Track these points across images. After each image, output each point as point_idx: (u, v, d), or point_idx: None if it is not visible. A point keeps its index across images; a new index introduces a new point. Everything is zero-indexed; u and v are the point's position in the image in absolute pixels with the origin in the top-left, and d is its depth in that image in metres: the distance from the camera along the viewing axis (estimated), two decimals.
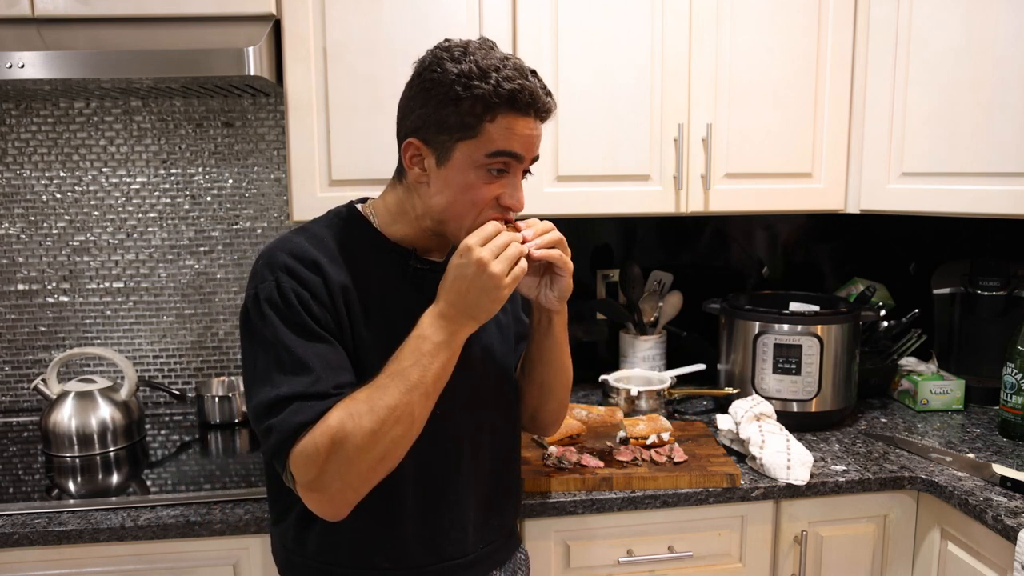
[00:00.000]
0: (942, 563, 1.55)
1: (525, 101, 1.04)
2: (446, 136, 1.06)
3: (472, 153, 1.06)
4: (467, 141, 1.06)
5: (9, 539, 1.36)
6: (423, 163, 1.10)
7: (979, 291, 2.01)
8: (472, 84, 1.03)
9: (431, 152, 1.09)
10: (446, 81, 1.05)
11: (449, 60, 1.05)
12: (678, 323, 2.12)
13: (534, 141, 1.09)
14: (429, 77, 1.07)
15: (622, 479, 1.51)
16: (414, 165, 1.11)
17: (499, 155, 1.06)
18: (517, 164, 1.09)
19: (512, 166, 1.09)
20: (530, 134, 1.08)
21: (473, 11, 1.67)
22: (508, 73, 1.04)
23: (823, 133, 1.81)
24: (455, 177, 1.08)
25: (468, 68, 1.04)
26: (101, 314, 2.01)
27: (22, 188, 1.95)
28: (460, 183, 1.08)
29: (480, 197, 1.08)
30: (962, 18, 1.68)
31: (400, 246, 1.17)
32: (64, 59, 1.48)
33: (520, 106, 1.05)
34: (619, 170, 1.76)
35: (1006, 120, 1.65)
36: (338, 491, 1.02)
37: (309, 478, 1.01)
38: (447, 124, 1.06)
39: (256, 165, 2.01)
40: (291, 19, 1.62)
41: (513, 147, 1.06)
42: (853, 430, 1.82)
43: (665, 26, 1.72)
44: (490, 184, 1.08)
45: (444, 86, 1.05)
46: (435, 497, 1.16)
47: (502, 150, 1.06)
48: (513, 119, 1.05)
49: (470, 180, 1.07)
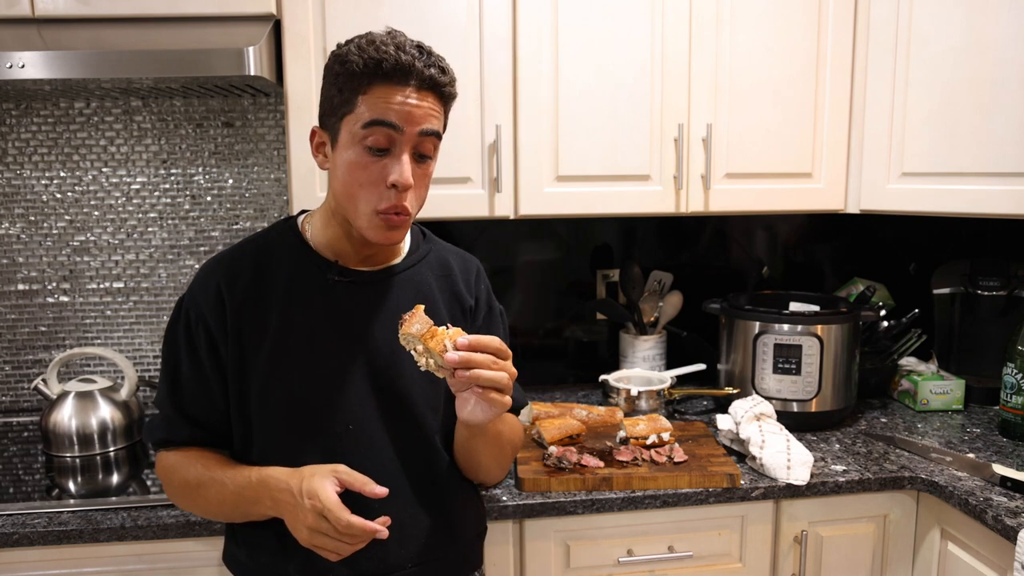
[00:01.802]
0: (942, 563, 1.55)
1: (390, 68, 1.03)
2: (334, 117, 1.09)
3: (351, 127, 1.06)
4: (347, 117, 1.07)
5: (9, 539, 1.36)
6: (325, 149, 1.13)
7: (979, 291, 2.01)
8: (347, 60, 1.05)
9: (328, 136, 1.11)
10: (332, 63, 1.09)
11: (344, 45, 1.09)
12: (678, 323, 2.13)
13: (414, 112, 1.05)
14: (327, 65, 1.10)
15: (622, 479, 1.51)
16: (319, 152, 1.14)
17: (372, 124, 1.05)
18: (397, 135, 1.06)
19: (393, 140, 1.06)
20: (407, 104, 1.05)
21: (473, 11, 1.67)
22: (380, 47, 1.04)
23: (823, 133, 1.81)
24: (343, 156, 1.09)
25: (347, 48, 1.07)
26: (101, 314, 2.01)
27: (22, 188, 1.95)
28: (346, 162, 1.08)
29: (367, 177, 1.07)
30: (962, 18, 1.68)
31: (323, 258, 1.17)
32: (64, 59, 1.48)
33: (387, 74, 1.04)
34: (619, 170, 1.76)
35: (1006, 120, 1.65)
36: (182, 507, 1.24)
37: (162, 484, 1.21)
38: (333, 104, 1.09)
39: (256, 165, 2.01)
40: (291, 19, 1.62)
41: (387, 116, 1.04)
42: (853, 430, 1.82)
43: (665, 26, 1.72)
44: (375, 163, 1.07)
45: (330, 68, 1.09)
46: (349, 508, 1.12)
47: (374, 119, 1.04)
48: (386, 89, 1.04)
49: (354, 158, 1.07)
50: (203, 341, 1.14)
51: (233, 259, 1.18)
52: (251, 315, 1.13)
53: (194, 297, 1.16)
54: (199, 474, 1.14)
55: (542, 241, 2.14)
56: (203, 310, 1.14)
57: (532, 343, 2.18)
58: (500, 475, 1.31)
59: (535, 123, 1.71)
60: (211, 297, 1.14)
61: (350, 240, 1.16)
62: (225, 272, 1.16)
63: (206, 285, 1.15)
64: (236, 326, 1.13)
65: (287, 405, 1.13)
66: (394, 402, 1.16)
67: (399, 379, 1.17)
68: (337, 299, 1.15)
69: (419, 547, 1.18)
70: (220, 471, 1.13)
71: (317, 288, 1.15)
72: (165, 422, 1.18)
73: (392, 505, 1.15)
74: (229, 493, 1.11)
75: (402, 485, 1.16)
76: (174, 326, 1.17)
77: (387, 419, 1.16)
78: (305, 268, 1.16)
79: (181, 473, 1.16)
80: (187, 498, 1.18)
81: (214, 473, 1.13)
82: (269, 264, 1.16)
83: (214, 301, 1.14)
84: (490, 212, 1.73)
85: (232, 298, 1.14)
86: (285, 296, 1.14)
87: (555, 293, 2.18)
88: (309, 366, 1.13)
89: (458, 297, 1.25)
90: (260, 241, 1.20)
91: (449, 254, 1.29)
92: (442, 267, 1.26)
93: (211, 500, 1.14)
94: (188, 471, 1.15)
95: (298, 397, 1.13)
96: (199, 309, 1.14)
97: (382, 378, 1.16)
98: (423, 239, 1.28)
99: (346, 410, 1.14)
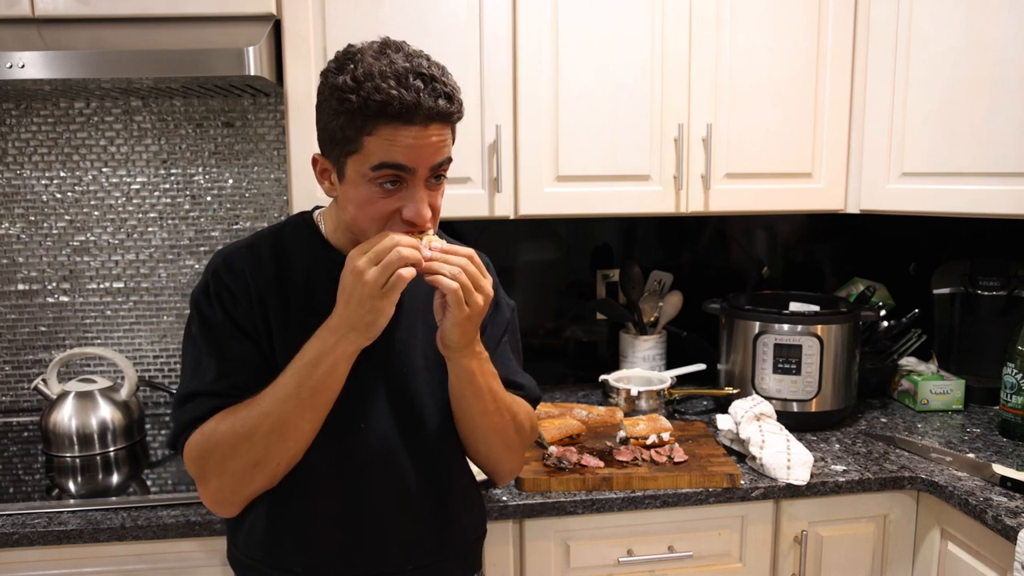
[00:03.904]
0: (942, 563, 1.55)
1: (396, 111, 0.97)
2: (337, 151, 1.04)
3: (359, 168, 1.02)
4: (353, 156, 1.02)
5: (9, 539, 1.36)
6: (331, 177, 1.09)
7: (979, 291, 2.01)
8: (345, 98, 0.98)
9: (332, 168, 1.07)
10: (327, 95, 1.02)
11: (334, 71, 1.02)
12: (678, 323, 2.13)
13: (423, 150, 1.01)
14: (320, 90, 1.05)
15: (622, 479, 1.51)
16: (324, 179, 1.10)
17: (382, 168, 1.00)
18: (409, 175, 1.02)
19: (405, 178, 1.02)
20: (415, 143, 1.00)
21: (473, 11, 1.67)
22: (378, 83, 0.97)
23: (823, 133, 1.81)
24: (352, 192, 1.05)
25: (343, 80, 0.99)
26: (101, 314, 2.01)
27: (22, 188, 1.95)
28: (357, 198, 1.04)
29: (378, 212, 1.04)
30: (962, 18, 1.68)
31: (340, 253, 1.14)
32: (64, 59, 1.48)
33: (394, 116, 0.98)
34: (619, 170, 1.76)
35: (1006, 120, 1.65)
36: (216, 489, 1.09)
37: (193, 473, 1.09)
38: (336, 139, 1.03)
39: (256, 165, 2.01)
40: (291, 19, 1.62)
41: (395, 158, 1.00)
42: (853, 430, 1.82)
43: (665, 26, 1.72)
44: (387, 198, 1.03)
45: (326, 101, 1.03)
46: (350, 506, 1.13)
47: (383, 162, 1.00)
48: (393, 130, 0.99)
49: (364, 195, 1.03)
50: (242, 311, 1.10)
51: (253, 250, 1.15)
52: (274, 305, 1.12)
53: (222, 278, 1.11)
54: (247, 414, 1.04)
55: (542, 241, 2.14)
56: (234, 289, 1.10)
57: (532, 343, 2.18)
58: (509, 457, 1.24)
59: (535, 123, 1.71)
60: (239, 281, 1.10)
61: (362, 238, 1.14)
62: (248, 260, 1.13)
63: (232, 269, 1.11)
64: (262, 312, 1.11)
65: None
66: (404, 401, 1.16)
67: (411, 377, 1.17)
68: None
69: (421, 549, 1.17)
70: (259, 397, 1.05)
71: (333, 285, 1.12)
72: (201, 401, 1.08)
73: (397, 507, 1.15)
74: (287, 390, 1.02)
75: (407, 486, 1.16)
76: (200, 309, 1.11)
77: (397, 418, 1.16)
78: (322, 264, 1.15)
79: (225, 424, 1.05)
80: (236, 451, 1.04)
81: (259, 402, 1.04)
82: (286, 258, 1.14)
83: (243, 284, 1.10)
84: (490, 212, 1.73)
85: (257, 286, 1.11)
86: (302, 291, 1.13)
87: (555, 293, 2.18)
88: None
89: None
90: (275, 235, 1.18)
91: None
92: None
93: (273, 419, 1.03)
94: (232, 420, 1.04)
95: None
96: (230, 288, 1.10)
97: (394, 377, 1.15)
98: None
99: (359, 409, 1.13)
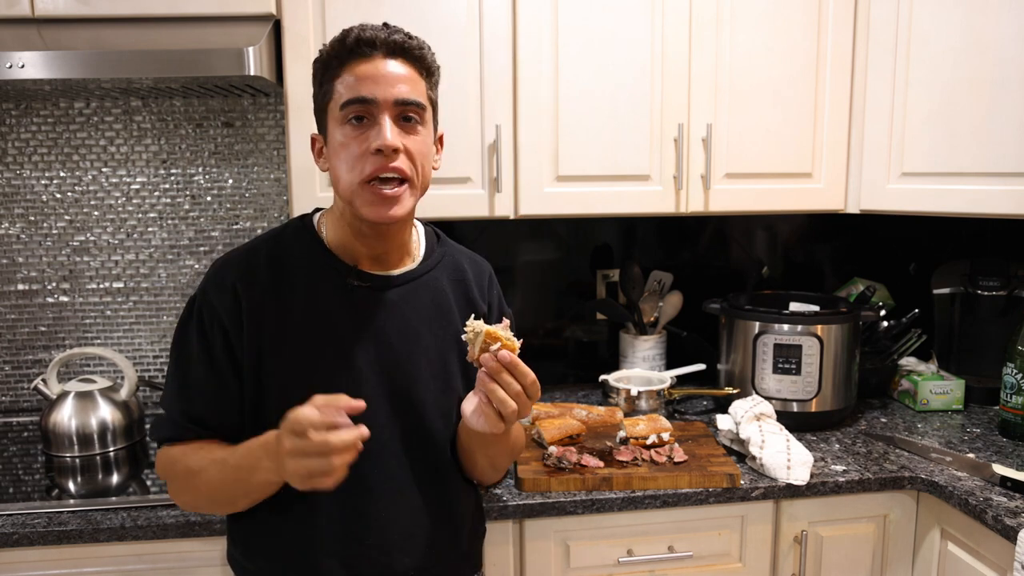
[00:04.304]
0: (942, 563, 1.55)
1: (353, 42, 1.06)
2: (321, 114, 1.12)
3: (333, 113, 1.09)
4: (328, 105, 1.10)
5: (9, 539, 1.36)
6: (322, 151, 1.14)
7: (979, 291, 2.01)
8: (320, 57, 1.10)
9: (321, 136, 1.14)
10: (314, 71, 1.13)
11: None
12: (678, 323, 2.13)
13: (382, 80, 1.06)
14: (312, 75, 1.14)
15: (622, 479, 1.51)
16: (318, 156, 1.16)
17: (348, 104, 1.06)
18: (375, 107, 1.06)
19: (371, 111, 1.06)
20: (376, 73, 1.06)
21: (473, 11, 1.67)
22: (346, 31, 1.07)
23: (823, 133, 1.81)
24: (331, 144, 1.10)
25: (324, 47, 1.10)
26: (101, 314, 2.01)
27: (22, 188, 1.95)
28: (334, 146, 1.10)
29: (350, 154, 1.07)
30: (962, 18, 1.68)
31: (341, 261, 1.15)
32: (64, 59, 1.48)
33: (351, 48, 1.06)
34: (619, 170, 1.76)
35: (1006, 120, 1.65)
36: (184, 503, 1.17)
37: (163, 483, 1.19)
38: (319, 102, 1.12)
39: (256, 165, 2.01)
40: (291, 19, 1.62)
41: (360, 92, 1.05)
42: (853, 430, 1.82)
43: (665, 26, 1.72)
44: (357, 138, 1.07)
45: (314, 76, 1.13)
46: (353, 513, 1.13)
47: (349, 98, 1.06)
48: (355, 65, 1.06)
49: (339, 141, 1.08)
50: (219, 341, 1.10)
51: (248, 259, 1.14)
52: (269, 316, 1.10)
53: (208, 297, 1.12)
54: (200, 459, 1.10)
55: (542, 241, 2.14)
56: (218, 310, 1.10)
57: (532, 343, 2.18)
58: (494, 477, 1.31)
59: (535, 123, 1.71)
60: (227, 297, 1.10)
61: (360, 239, 1.14)
62: (241, 272, 1.12)
63: (221, 285, 1.11)
64: (254, 326, 1.10)
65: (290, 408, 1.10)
66: (407, 408, 1.16)
67: (414, 385, 1.16)
68: (355, 303, 1.13)
69: (423, 552, 1.17)
70: (221, 452, 1.10)
71: (335, 291, 1.13)
72: (171, 423, 1.14)
73: (399, 514, 1.15)
74: (230, 469, 1.07)
75: (409, 490, 1.16)
76: (185, 326, 1.14)
77: (399, 425, 1.15)
78: (323, 270, 1.14)
79: (184, 462, 1.12)
80: (189, 488, 1.12)
81: (215, 455, 1.09)
82: (286, 265, 1.13)
83: (231, 302, 1.10)
84: (490, 212, 1.73)
85: (249, 298, 1.10)
86: (303, 298, 1.12)
87: (555, 293, 2.18)
88: (328, 370, 1.12)
89: (472, 304, 1.24)
90: (275, 241, 1.17)
91: (463, 258, 1.28)
92: (456, 272, 1.25)
93: (213, 482, 1.09)
94: (190, 459, 1.11)
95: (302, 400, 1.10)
96: (214, 309, 1.10)
97: (397, 383, 1.15)
98: (438, 242, 1.27)
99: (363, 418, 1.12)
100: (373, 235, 1.14)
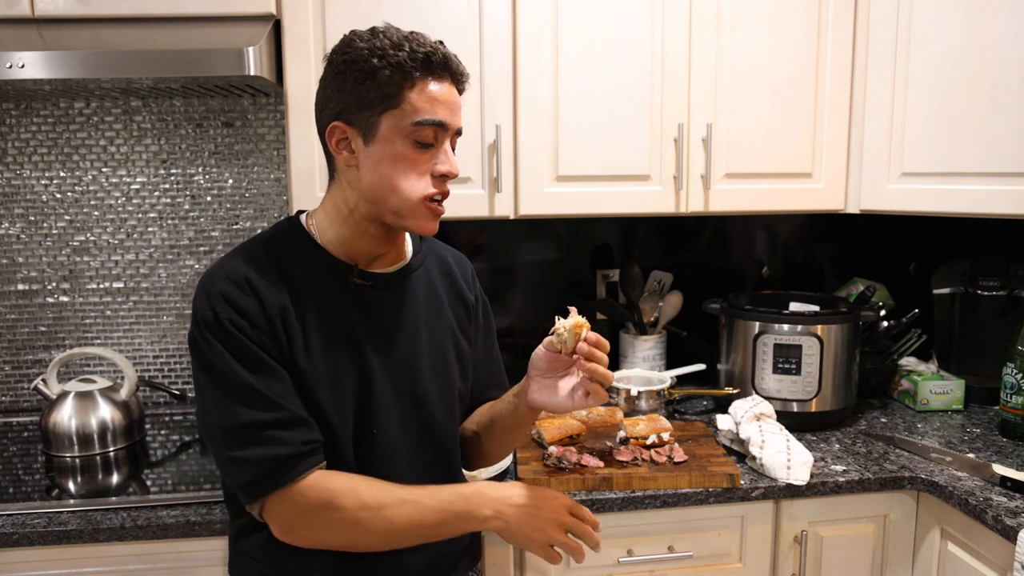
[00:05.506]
0: (942, 563, 1.55)
1: (439, 62, 1.06)
2: (369, 112, 1.06)
3: (398, 123, 1.06)
4: (390, 112, 1.05)
5: (9, 539, 1.36)
6: (350, 145, 1.09)
7: (979, 291, 2.01)
8: (387, 54, 1.04)
9: (357, 132, 1.08)
10: (361, 57, 1.05)
11: (359, 40, 1.07)
12: (678, 323, 2.13)
13: (456, 109, 1.09)
14: (342, 59, 1.07)
15: (622, 479, 1.51)
16: (342, 149, 1.10)
17: (424, 124, 1.06)
18: (444, 133, 1.09)
19: (440, 136, 1.08)
20: (450, 100, 1.08)
21: (473, 11, 1.67)
22: (420, 40, 1.06)
23: (823, 133, 1.82)
24: (385, 150, 1.07)
25: (380, 43, 1.05)
26: (101, 314, 2.01)
27: (22, 188, 1.95)
28: (391, 155, 1.07)
29: (413, 169, 1.07)
30: (962, 18, 1.68)
31: (340, 260, 1.13)
32: (64, 59, 1.48)
33: (436, 69, 1.06)
34: (619, 170, 1.76)
35: (1006, 120, 1.65)
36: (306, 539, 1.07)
37: (286, 522, 1.06)
38: (368, 99, 1.06)
39: (256, 165, 2.01)
40: (291, 19, 1.62)
41: (438, 115, 1.06)
42: (853, 430, 1.82)
43: (665, 26, 1.72)
44: (422, 155, 1.08)
45: (360, 62, 1.05)
46: None
47: (427, 119, 1.06)
48: (431, 82, 1.06)
49: (400, 151, 1.07)
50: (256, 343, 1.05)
51: (252, 260, 1.10)
52: (289, 316, 1.08)
53: (232, 303, 1.05)
54: (380, 494, 1.06)
55: (542, 241, 2.14)
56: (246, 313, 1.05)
57: (532, 343, 2.16)
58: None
59: (535, 123, 1.71)
60: (249, 300, 1.06)
61: (365, 239, 1.13)
62: (254, 272, 1.08)
63: (240, 287, 1.06)
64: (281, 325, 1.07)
65: (317, 410, 1.09)
66: (413, 404, 1.16)
67: (418, 379, 1.17)
68: (357, 301, 1.13)
69: (433, 553, 1.18)
70: (407, 491, 1.07)
71: (337, 290, 1.12)
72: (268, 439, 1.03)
73: None
74: (431, 510, 1.07)
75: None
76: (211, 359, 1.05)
77: (406, 421, 1.16)
78: (322, 270, 1.13)
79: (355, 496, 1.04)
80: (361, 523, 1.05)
81: (401, 493, 1.07)
82: (286, 267, 1.11)
83: (253, 304, 1.06)
84: (490, 212, 1.73)
85: (271, 299, 1.07)
86: (312, 298, 1.11)
87: (555, 293, 2.18)
88: (337, 370, 1.10)
89: (461, 296, 1.27)
90: (268, 243, 1.14)
91: (446, 252, 1.30)
92: (443, 265, 1.27)
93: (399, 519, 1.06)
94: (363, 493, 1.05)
95: (327, 401, 1.09)
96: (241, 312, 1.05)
97: (402, 380, 1.15)
98: (421, 239, 1.27)
99: (371, 414, 1.12)
100: (383, 237, 1.14)
